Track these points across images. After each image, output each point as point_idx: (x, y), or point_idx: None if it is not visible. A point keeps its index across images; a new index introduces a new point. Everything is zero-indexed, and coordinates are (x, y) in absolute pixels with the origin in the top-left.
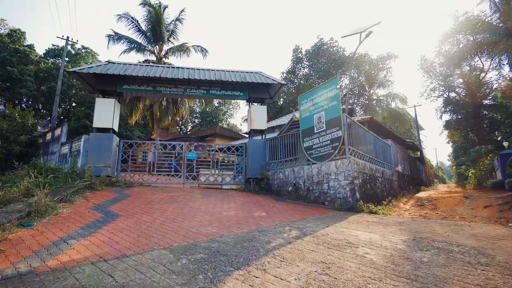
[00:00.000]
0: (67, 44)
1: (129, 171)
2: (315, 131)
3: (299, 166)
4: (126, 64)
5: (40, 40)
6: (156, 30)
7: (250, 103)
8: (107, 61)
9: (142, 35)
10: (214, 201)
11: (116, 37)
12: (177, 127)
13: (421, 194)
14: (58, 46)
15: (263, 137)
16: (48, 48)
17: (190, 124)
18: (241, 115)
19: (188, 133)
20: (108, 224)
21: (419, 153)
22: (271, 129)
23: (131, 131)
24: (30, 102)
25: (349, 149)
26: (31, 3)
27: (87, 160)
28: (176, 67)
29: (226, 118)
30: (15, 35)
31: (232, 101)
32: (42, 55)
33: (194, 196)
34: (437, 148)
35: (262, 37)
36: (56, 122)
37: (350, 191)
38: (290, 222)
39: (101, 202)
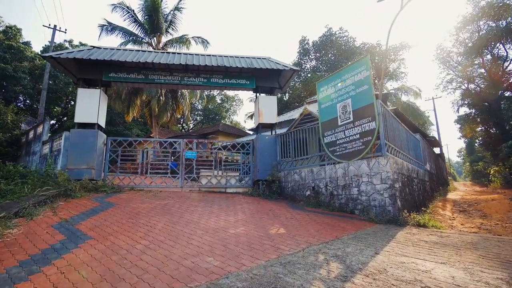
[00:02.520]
0: (54, 32)
1: (118, 173)
2: (339, 123)
3: (318, 165)
4: (113, 49)
5: (41, 39)
6: (153, 19)
7: (258, 94)
8: (91, 46)
9: (138, 26)
10: (217, 211)
11: (109, 28)
12: (179, 125)
13: (452, 196)
14: (55, 43)
15: (273, 133)
16: (46, 45)
17: (192, 121)
18: (245, 112)
19: (190, 131)
20: (65, 255)
21: (438, 150)
22: (278, 125)
23: (129, 129)
24: (27, 101)
25: (386, 144)
26: (32, 2)
27: (67, 161)
28: (172, 52)
29: (229, 115)
30: (11, 32)
31: (236, 97)
32: (39, 53)
33: (192, 204)
34: (447, 144)
35: (263, 35)
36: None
37: (390, 198)
38: (322, 245)
39: (72, 215)
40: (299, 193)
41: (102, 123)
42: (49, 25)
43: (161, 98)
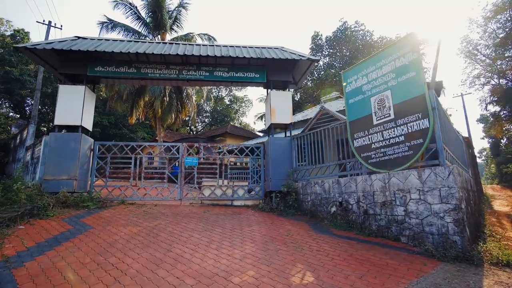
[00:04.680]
0: (49, 29)
1: (107, 184)
2: (375, 122)
3: (347, 175)
4: (101, 39)
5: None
6: (157, 16)
7: (269, 89)
8: (75, 36)
9: (141, 24)
10: (218, 238)
11: (110, 25)
12: (187, 127)
13: (500, 207)
14: None
15: (287, 135)
16: None
17: (200, 124)
18: (254, 113)
19: (199, 133)
20: None
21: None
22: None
23: (134, 132)
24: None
25: (444, 149)
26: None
27: (45, 171)
28: (169, 43)
29: (238, 116)
30: (19, 35)
31: (245, 98)
32: None
33: (188, 227)
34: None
35: (272, 32)
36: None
37: (456, 224)
38: None
39: (23, 249)
40: (322, 209)
41: (88, 126)
42: (43, 21)
43: (165, 98)
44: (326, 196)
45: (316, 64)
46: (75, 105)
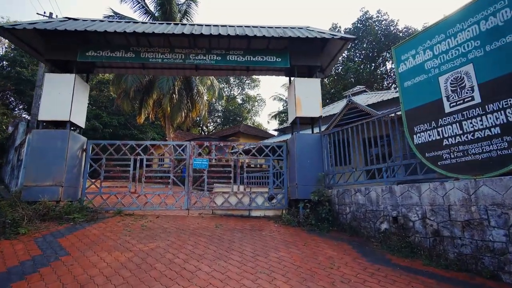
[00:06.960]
0: None
1: (101, 190)
2: (448, 110)
3: (403, 182)
4: (95, 20)
5: None
6: (165, 9)
7: (293, 76)
8: (65, 17)
9: (150, 17)
10: (237, 275)
11: (116, 19)
12: (198, 127)
13: None
14: None
15: (314, 131)
16: None
17: (212, 123)
18: (267, 112)
19: (210, 133)
20: None
21: None
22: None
23: (144, 133)
24: None
25: None
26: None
27: (25, 175)
28: (174, 23)
29: (251, 116)
30: None
31: (258, 97)
32: None
33: (196, 252)
34: None
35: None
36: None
37: None
38: None
39: None
40: (367, 225)
41: (80, 122)
42: (44, 13)
43: (174, 95)
44: (372, 208)
45: (354, 41)
46: (63, 97)
